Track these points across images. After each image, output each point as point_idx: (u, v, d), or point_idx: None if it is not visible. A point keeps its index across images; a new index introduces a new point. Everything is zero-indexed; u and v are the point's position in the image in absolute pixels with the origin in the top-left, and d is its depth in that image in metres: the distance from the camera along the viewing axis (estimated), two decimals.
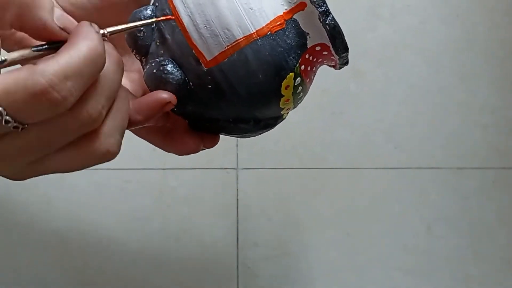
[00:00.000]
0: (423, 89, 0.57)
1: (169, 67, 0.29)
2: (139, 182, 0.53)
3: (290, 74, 0.30)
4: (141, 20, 0.29)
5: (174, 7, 0.29)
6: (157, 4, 0.30)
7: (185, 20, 0.28)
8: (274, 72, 0.29)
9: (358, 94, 0.57)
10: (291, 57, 0.29)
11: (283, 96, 0.31)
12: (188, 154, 0.34)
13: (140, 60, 0.31)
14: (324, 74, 0.57)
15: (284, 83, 0.30)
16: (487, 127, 0.57)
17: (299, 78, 0.30)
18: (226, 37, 0.28)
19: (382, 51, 0.58)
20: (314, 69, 0.32)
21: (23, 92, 0.20)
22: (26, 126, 0.22)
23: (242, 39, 0.28)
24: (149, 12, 0.29)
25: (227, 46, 0.28)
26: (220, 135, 0.33)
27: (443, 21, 0.59)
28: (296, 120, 0.56)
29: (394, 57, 0.58)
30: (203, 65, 0.28)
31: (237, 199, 0.54)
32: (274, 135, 0.55)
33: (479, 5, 0.59)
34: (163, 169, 0.54)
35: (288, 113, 0.33)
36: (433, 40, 0.58)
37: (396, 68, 0.57)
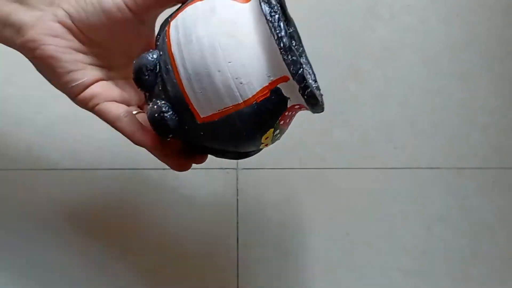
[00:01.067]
0: (422, 89, 0.57)
1: (168, 114, 0.34)
2: (139, 182, 0.53)
3: (270, 130, 0.35)
4: (145, 65, 0.34)
5: (176, 66, 0.33)
6: (161, 53, 0.34)
7: (184, 82, 0.33)
8: (256, 131, 0.35)
9: (357, 94, 0.57)
10: (272, 119, 0.35)
11: (264, 143, 0.37)
12: (181, 171, 0.40)
13: (144, 94, 0.36)
14: (323, 74, 0.57)
15: (264, 136, 0.36)
16: (487, 127, 0.57)
17: (278, 130, 0.36)
18: (218, 103, 0.33)
19: (382, 51, 0.58)
20: (292, 117, 0.38)
21: None
22: None
23: (231, 107, 0.33)
24: (151, 59, 0.34)
25: (218, 110, 0.33)
26: None
27: (443, 21, 0.59)
28: (296, 120, 0.56)
29: (394, 57, 0.58)
30: (197, 119, 0.34)
31: (237, 199, 0.54)
32: None
33: (479, 4, 0.59)
34: (163, 169, 0.54)
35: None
36: (432, 40, 0.58)
37: (396, 68, 0.57)
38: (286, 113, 0.36)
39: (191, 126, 0.34)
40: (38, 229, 0.52)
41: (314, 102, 0.34)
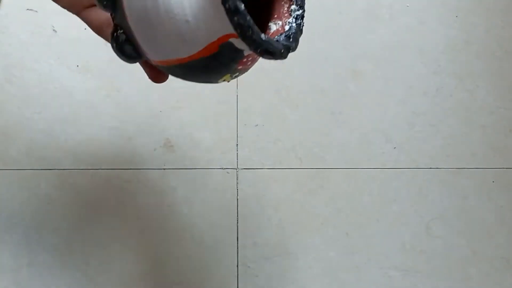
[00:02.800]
0: (422, 90, 0.58)
1: (126, 46, 0.33)
2: (139, 182, 0.53)
3: (226, 74, 0.34)
4: None
5: (124, 11, 0.32)
6: None
7: (132, 27, 0.32)
8: (211, 77, 0.33)
9: (357, 94, 0.57)
10: (225, 68, 0.33)
11: (220, 81, 0.34)
12: (157, 83, 0.39)
13: (110, 14, 0.35)
14: (323, 74, 0.58)
15: (220, 78, 0.34)
16: (485, 127, 0.57)
17: (236, 73, 0.34)
18: (164, 55, 0.32)
19: (381, 52, 0.58)
20: (255, 60, 0.35)
21: None
22: None
23: (175, 60, 0.32)
24: None
25: (166, 59, 0.32)
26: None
27: (442, 22, 0.59)
28: (296, 120, 0.56)
29: (393, 57, 0.58)
30: (150, 59, 0.33)
31: (237, 199, 0.54)
32: (274, 135, 0.55)
33: (478, 6, 0.59)
34: (163, 169, 0.54)
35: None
36: (431, 40, 0.58)
37: (395, 69, 0.58)
38: (244, 60, 0.33)
39: (149, 60, 0.34)
40: (38, 229, 0.52)
41: (270, 57, 0.31)
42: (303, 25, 0.36)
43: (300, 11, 0.36)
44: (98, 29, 0.40)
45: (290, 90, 0.56)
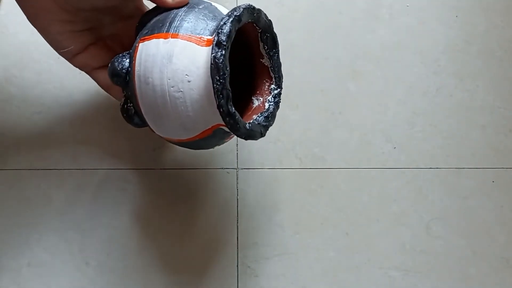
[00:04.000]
0: (422, 90, 0.58)
1: (135, 118, 0.41)
2: (139, 182, 0.53)
3: (216, 146, 0.43)
4: (116, 73, 0.40)
5: (136, 95, 0.39)
6: (129, 68, 0.40)
7: (142, 109, 0.39)
8: (201, 149, 0.43)
9: (357, 94, 0.57)
10: (216, 143, 0.42)
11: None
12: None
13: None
14: (323, 74, 0.58)
15: (210, 148, 0.44)
16: (486, 127, 0.57)
17: (224, 143, 0.44)
18: (166, 134, 0.40)
19: (381, 52, 0.58)
20: None
21: None
22: None
23: (175, 140, 0.40)
24: (123, 69, 0.39)
25: (168, 138, 0.41)
26: None
27: (442, 22, 0.59)
28: (296, 120, 0.56)
29: (393, 57, 0.58)
30: (153, 131, 0.41)
31: (237, 199, 0.54)
32: (274, 135, 0.55)
33: (478, 5, 0.59)
34: (163, 169, 0.54)
35: None
36: (432, 40, 0.58)
37: (395, 69, 0.58)
38: (231, 135, 0.42)
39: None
40: (38, 228, 0.52)
41: (252, 139, 0.38)
42: (279, 101, 0.43)
43: (278, 89, 0.43)
44: (106, 88, 0.45)
45: (290, 90, 0.56)
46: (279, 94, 0.43)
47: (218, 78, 0.34)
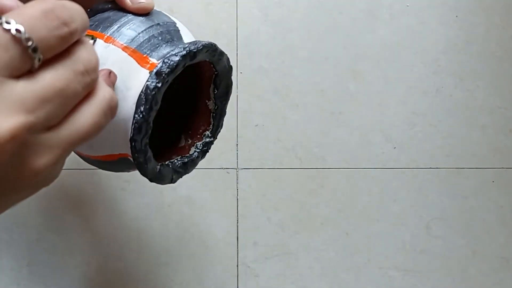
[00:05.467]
0: (421, 90, 0.58)
1: None
2: (139, 182, 0.53)
3: (122, 172, 0.37)
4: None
5: None
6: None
7: None
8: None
9: (357, 94, 0.57)
10: (120, 170, 0.36)
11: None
12: None
13: None
14: (323, 74, 0.58)
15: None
16: (486, 127, 0.57)
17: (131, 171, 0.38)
18: (81, 149, 0.35)
19: (381, 52, 0.58)
20: None
21: (35, 9, 0.21)
22: (41, 58, 0.22)
23: (84, 154, 0.35)
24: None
25: (79, 151, 0.35)
26: None
27: (442, 22, 0.59)
28: (296, 120, 0.56)
29: (393, 57, 0.58)
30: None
31: (237, 199, 0.54)
32: (274, 135, 0.55)
33: (478, 5, 0.59)
34: None
35: None
36: (432, 40, 0.58)
37: (395, 69, 0.58)
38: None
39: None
40: (38, 229, 0.52)
41: (158, 183, 0.35)
42: (207, 152, 0.38)
43: (211, 139, 0.38)
44: None
45: (290, 90, 0.56)
46: (210, 143, 0.38)
47: (142, 110, 0.29)
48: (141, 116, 0.29)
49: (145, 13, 0.33)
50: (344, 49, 0.58)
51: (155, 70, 0.29)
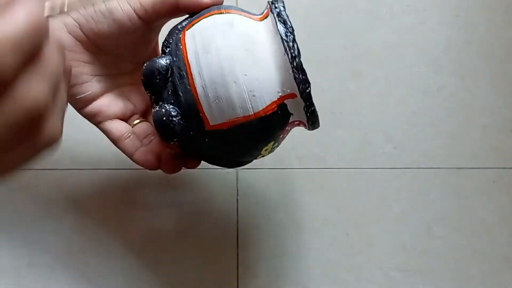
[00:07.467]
0: (422, 90, 0.57)
1: (176, 119, 0.35)
2: (139, 182, 0.53)
3: (271, 142, 0.37)
4: (158, 69, 0.35)
5: (191, 74, 0.34)
6: (174, 58, 0.35)
7: (199, 90, 0.34)
8: (259, 142, 0.36)
9: (357, 94, 0.57)
10: (275, 132, 0.36)
11: (261, 154, 0.38)
12: (171, 174, 0.41)
13: (150, 97, 0.36)
14: (323, 74, 0.58)
15: (264, 148, 0.37)
16: (487, 127, 0.57)
17: (276, 143, 0.38)
18: (229, 114, 0.34)
19: (382, 52, 0.58)
20: (288, 132, 0.40)
21: None
22: None
23: (241, 118, 0.34)
24: (164, 63, 0.35)
25: (229, 119, 0.34)
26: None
27: (443, 21, 0.59)
28: None
29: (394, 57, 0.58)
30: (205, 126, 0.35)
31: (237, 199, 0.54)
32: None
33: (479, 5, 0.59)
34: None
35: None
36: (432, 40, 0.58)
37: (396, 69, 0.57)
38: (287, 128, 0.38)
39: (197, 133, 0.35)
40: (38, 229, 0.52)
41: (314, 120, 0.37)
42: None
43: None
44: (117, 141, 0.41)
45: None
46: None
47: (285, 30, 0.33)
48: (288, 34, 0.34)
49: (221, 2, 0.38)
50: (344, 49, 0.58)
51: (273, 8, 0.35)
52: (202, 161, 0.41)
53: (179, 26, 0.37)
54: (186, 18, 0.38)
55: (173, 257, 0.53)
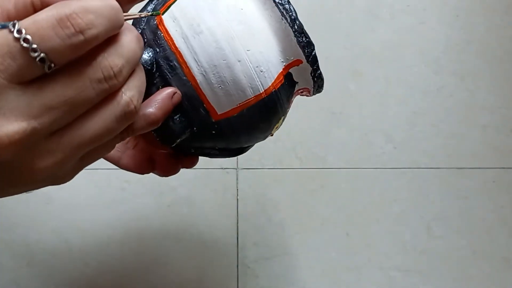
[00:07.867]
0: (422, 89, 0.57)
1: (176, 117, 0.30)
2: (139, 182, 0.53)
3: (282, 118, 0.34)
4: (143, 63, 0.29)
5: (185, 62, 0.30)
6: (158, 49, 0.30)
7: (199, 78, 0.30)
8: (272, 120, 0.33)
9: (357, 94, 0.57)
10: (285, 106, 0.33)
11: (271, 133, 0.35)
12: (167, 176, 0.36)
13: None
14: (323, 74, 0.57)
15: (275, 126, 0.34)
16: (486, 127, 0.57)
17: (284, 117, 0.34)
18: (239, 97, 0.30)
19: (382, 52, 0.58)
20: (291, 102, 0.36)
21: (49, 16, 0.21)
22: (53, 66, 0.21)
23: (252, 99, 0.30)
24: (148, 57, 0.30)
25: (239, 104, 0.30)
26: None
27: (443, 21, 0.59)
28: (296, 120, 0.56)
29: (394, 57, 0.58)
30: (212, 117, 0.30)
31: (237, 199, 0.54)
32: (274, 135, 0.55)
33: (478, 5, 0.59)
34: None
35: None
36: (432, 40, 0.58)
37: (396, 69, 0.57)
38: (292, 99, 0.34)
39: (202, 127, 0.31)
40: (38, 229, 0.52)
41: (321, 84, 0.34)
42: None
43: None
44: (115, 162, 0.38)
45: None
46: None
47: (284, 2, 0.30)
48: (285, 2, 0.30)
49: None
50: (344, 49, 0.58)
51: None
52: (200, 159, 0.38)
53: (145, 13, 0.32)
54: (150, 2, 0.33)
55: (173, 257, 0.53)
